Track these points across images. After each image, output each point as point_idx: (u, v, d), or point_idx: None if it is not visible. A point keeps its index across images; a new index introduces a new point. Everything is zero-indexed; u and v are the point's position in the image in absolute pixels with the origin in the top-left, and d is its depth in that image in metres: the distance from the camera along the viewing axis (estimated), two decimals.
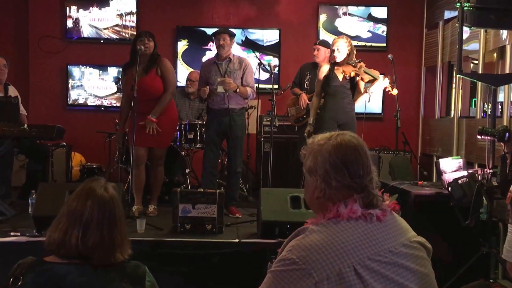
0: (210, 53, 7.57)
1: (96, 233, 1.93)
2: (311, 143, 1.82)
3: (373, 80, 5.59)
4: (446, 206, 4.58)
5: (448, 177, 4.89)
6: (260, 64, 6.42)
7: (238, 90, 5.49)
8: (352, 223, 1.66)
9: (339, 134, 1.78)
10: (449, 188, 4.61)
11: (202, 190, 4.87)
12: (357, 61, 5.57)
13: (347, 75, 5.56)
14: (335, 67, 5.59)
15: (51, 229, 1.96)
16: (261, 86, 6.48)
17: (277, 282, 1.58)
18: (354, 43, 5.91)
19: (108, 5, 7.84)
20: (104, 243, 1.94)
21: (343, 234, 1.63)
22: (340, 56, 5.55)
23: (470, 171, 4.78)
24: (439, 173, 5.11)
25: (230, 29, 5.81)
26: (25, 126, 5.33)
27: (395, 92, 5.74)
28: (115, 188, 2.09)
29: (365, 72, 5.56)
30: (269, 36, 7.94)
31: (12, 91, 5.95)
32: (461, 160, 5.11)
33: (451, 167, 5.05)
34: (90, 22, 7.85)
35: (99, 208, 1.96)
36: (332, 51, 5.62)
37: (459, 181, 4.54)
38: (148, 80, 5.29)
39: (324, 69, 5.65)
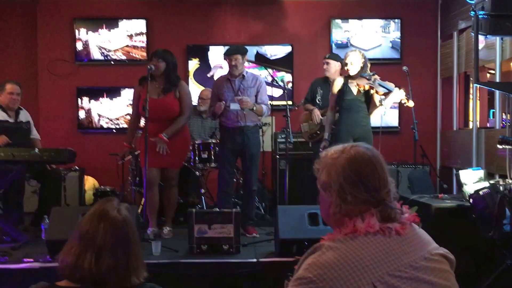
0: (222, 71, 7.51)
1: (110, 257, 1.86)
2: (324, 156, 1.77)
3: (388, 93, 5.49)
4: (468, 219, 4.50)
5: (469, 188, 4.79)
6: (273, 80, 6.37)
7: (254, 108, 5.44)
8: (370, 238, 1.62)
9: (352, 146, 1.74)
10: (471, 200, 4.53)
11: (217, 209, 4.80)
12: (371, 73, 5.49)
13: (362, 89, 5.47)
14: (349, 80, 5.51)
15: (64, 253, 1.90)
16: (274, 103, 6.42)
17: None
18: (368, 56, 5.84)
19: (117, 26, 7.83)
20: (119, 267, 1.87)
21: (361, 250, 1.59)
22: (353, 69, 5.48)
23: (491, 182, 4.67)
24: (460, 185, 5.00)
25: (241, 46, 5.74)
26: (36, 150, 5.27)
27: (411, 104, 5.64)
28: (129, 209, 2.02)
29: (380, 85, 5.46)
30: (276, 50, 7.88)
31: (24, 116, 5.91)
32: (482, 171, 5.00)
33: (472, 179, 4.95)
34: (100, 44, 7.84)
35: (112, 231, 1.89)
36: (345, 64, 5.54)
37: (481, 192, 4.45)
38: (168, 102, 5.28)
39: (338, 83, 5.57)
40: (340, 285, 1.52)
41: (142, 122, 5.56)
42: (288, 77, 7.79)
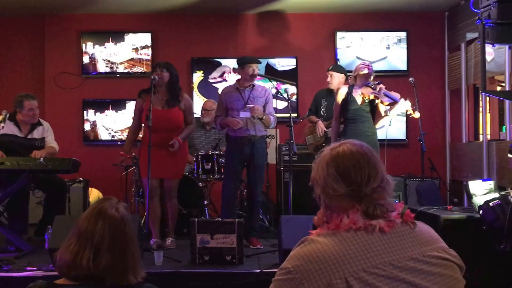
0: (226, 83, 7.50)
1: (108, 255, 1.88)
2: (319, 154, 1.83)
3: (393, 103, 5.41)
4: (478, 230, 4.39)
5: (479, 200, 4.69)
6: (277, 92, 6.36)
7: (264, 117, 5.44)
8: (351, 233, 1.64)
9: (341, 144, 1.78)
10: (481, 211, 4.42)
11: (220, 219, 4.74)
12: (376, 82, 5.42)
13: (366, 98, 5.39)
14: (353, 90, 5.43)
15: (62, 250, 1.91)
16: (278, 115, 6.38)
17: None
18: (374, 68, 5.76)
19: (123, 40, 7.88)
20: (116, 265, 1.88)
21: (339, 245, 1.61)
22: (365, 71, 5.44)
23: (502, 193, 4.57)
24: (469, 196, 4.89)
25: (256, 57, 5.78)
26: (41, 159, 5.26)
27: (417, 115, 5.55)
28: (127, 208, 2.03)
29: (385, 95, 5.39)
30: (285, 62, 7.87)
31: (40, 133, 5.82)
32: (492, 182, 4.90)
33: (481, 190, 4.85)
34: (106, 57, 7.88)
35: (110, 229, 1.91)
36: (359, 70, 5.49)
37: (491, 204, 4.35)
38: (173, 114, 5.32)
39: (342, 92, 5.49)
40: (314, 277, 1.56)
41: (140, 135, 5.64)
42: (292, 89, 7.77)
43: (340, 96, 5.49)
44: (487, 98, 6.95)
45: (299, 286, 1.57)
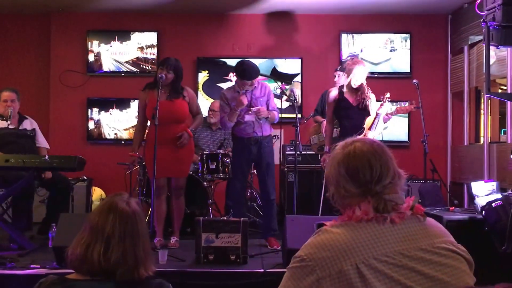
0: (231, 83, 7.51)
1: (119, 248, 1.90)
2: (333, 151, 1.87)
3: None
4: (480, 231, 4.41)
5: (481, 201, 4.71)
6: (282, 93, 6.36)
7: (269, 116, 5.44)
8: (363, 223, 1.70)
9: (353, 142, 1.82)
10: (483, 212, 4.43)
11: (225, 218, 4.75)
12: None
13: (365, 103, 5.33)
14: (345, 91, 5.37)
15: (74, 244, 1.94)
16: (283, 115, 6.39)
17: (290, 277, 1.70)
18: (378, 69, 5.75)
19: (129, 38, 7.90)
20: (127, 258, 1.91)
21: (351, 234, 1.67)
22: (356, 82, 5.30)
23: (504, 194, 4.59)
24: (471, 197, 4.91)
25: (256, 66, 5.60)
26: (46, 157, 5.27)
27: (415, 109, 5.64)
28: (138, 203, 2.06)
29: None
30: (292, 65, 7.88)
31: (28, 125, 5.87)
32: (494, 183, 4.92)
33: (484, 191, 4.87)
34: (111, 55, 7.90)
35: (121, 223, 1.94)
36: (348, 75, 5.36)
37: (493, 204, 4.36)
38: (177, 104, 5.27)
39: (333, 94, 5.45)
40: (326, 264, 1.62)
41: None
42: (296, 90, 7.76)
43: (331, 98, 5.46)
44: (489, 101, 6.97)
45: (311, 273, 1.64)
